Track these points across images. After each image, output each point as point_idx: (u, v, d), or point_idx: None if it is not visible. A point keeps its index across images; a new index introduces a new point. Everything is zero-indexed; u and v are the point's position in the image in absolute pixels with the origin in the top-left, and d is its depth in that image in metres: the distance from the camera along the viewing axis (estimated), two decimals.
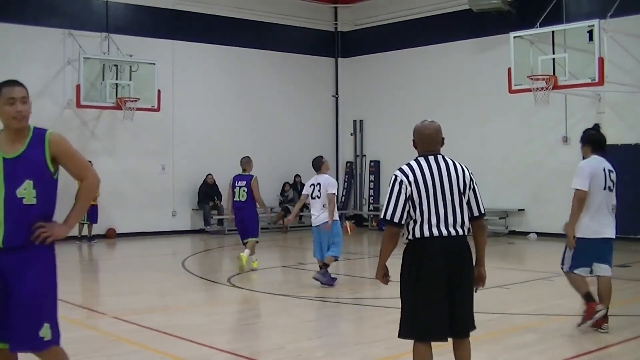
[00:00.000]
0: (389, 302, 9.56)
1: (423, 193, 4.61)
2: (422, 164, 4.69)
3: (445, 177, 4.65)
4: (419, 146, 4.83)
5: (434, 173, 4.64)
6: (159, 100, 17.62)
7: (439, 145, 4.80)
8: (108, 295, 10.25)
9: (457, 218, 4.64)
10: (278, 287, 10.43)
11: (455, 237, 4.62)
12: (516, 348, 6.69)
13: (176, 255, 15.59)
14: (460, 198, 4.66)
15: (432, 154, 4.74)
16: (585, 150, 7.38)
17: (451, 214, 4.62)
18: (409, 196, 4.61)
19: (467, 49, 19.43)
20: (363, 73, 22.20)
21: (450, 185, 4.65)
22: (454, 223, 4.63)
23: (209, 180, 19.40)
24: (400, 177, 4.66)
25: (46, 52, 17.28)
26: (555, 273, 11.47)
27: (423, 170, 4.65)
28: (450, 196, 4.63)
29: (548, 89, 14.77)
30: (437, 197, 4.61)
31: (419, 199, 4.61)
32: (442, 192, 4.62)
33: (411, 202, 4.61)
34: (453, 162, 4.74)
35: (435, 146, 4.78)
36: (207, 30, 19.87)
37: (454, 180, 4.66)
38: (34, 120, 4.39)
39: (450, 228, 4.61)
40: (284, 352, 6.64)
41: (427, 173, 4.64)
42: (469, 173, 4.77)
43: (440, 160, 4.72)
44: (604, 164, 7.18)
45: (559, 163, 17.29)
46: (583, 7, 16.97)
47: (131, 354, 6.63)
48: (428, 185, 4.61)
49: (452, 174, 4.67)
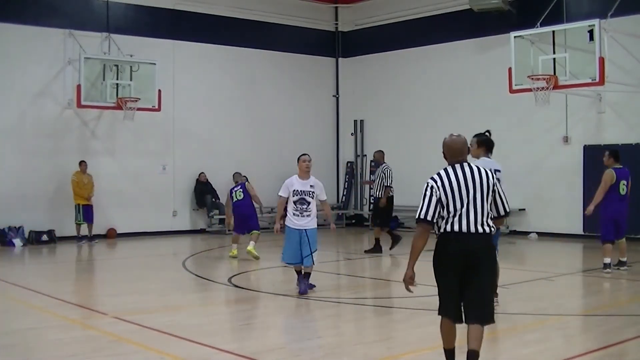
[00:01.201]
0: (389, 302, 9.58)
1: (449, 196, 5.28)
2: (450, 172, 5.38)
3: (470, 182, 5.32)
4: (448, 157, 5.50)
5: (460, 179, 5.33)
6: (159, 100, 17.62)
7: (465, 155, 5.49)
8: (108, 295, 10.26)
9: (478, 218, 5.27)
10: (278, 287, 10.43)
11: (475, 234, 5.25)
12: (516, 348, 6.70)
13: (177, 255, 15.59)
14: (482, 200, 5.31)
15: (458, 163, 5.42)
16: (478, 151, 8.30)
17: (473, 214, 5.26)
18: (439, 199, 5.29)
19: (468, 49, 19.43)
20: (363, 73, 22.20)
21: (474, 189, 5.31)
22: (476, 222, 5.26)
23: (202, 178, 19.39)
24: (432, 183, 5.36)
25: (47, 52, 17.28)
26: (555, 273, 11.49)
27: (450, 177, 5.34)
28: (474, 198, 5.29)
29: (548, 88, 14.75)
30: (462, 199, 5.28)
31: (447, 200, 5.29)
32: (467, 195, 5.29)
33: (441, 204, 5.30)
34: (478, 169, 5.40)
35: (462, 156, 5.46)
36: (207, 30, 19.88)
37: (477, 184, 5.32)
38: (35, 120, 4.40)
39: (471, 226, 5.25)
40: (284, 352, 6.65)
41: (454, 179, 5.33)
42: (493, 177, 5.39)
43: (466, 167, 5.40)
44: (491, 164, 8.05)
45: (560, 163, 17.31)
46: (583, 7, 16.97)
47: (132, 354, 6.63)
48: (454, 189, 5.29)
49: (476, 179, 5.33)
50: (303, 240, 9.50)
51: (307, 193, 9.55)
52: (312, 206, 9.57)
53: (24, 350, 6.81)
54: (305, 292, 9.44)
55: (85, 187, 16.81)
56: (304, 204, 9.54)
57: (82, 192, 16.73)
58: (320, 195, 9.71)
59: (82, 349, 6.75)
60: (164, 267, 13.76)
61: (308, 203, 9.54)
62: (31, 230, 16.75)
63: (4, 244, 16.23)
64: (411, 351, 6.71)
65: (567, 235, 16.92)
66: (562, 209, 17.24)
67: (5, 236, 16.37)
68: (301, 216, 9.55)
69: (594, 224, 15.70)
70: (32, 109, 17.00)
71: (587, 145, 16.94)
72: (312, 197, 9.56)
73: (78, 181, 16.76)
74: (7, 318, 8.40)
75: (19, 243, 16.31)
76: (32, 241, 16.62)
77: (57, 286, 10.94)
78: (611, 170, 11.33)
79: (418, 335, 7.48)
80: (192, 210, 19.58)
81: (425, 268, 5.60)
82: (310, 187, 9.57)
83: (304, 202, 9.54)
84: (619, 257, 11.56)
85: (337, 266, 13.65)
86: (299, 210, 9.56)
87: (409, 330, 7.73)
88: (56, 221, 17.12)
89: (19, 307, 9.17)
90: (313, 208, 9.58)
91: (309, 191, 9.55)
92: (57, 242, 16.84)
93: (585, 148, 16.95)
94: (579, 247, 16.01)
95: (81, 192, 16.71)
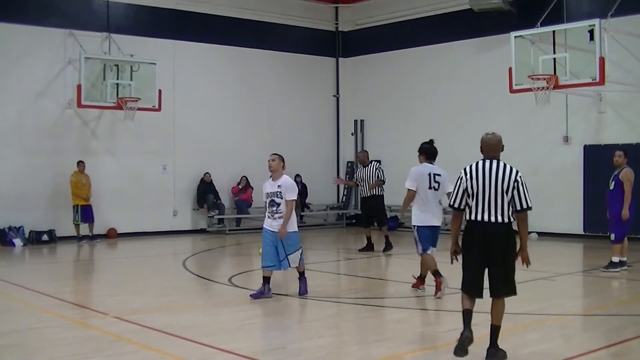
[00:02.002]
0: (389, 302, 9.57)
1: (474, 187, 6.06)
2: (479, 166, 6.10)
3: (493, 177, 6.01)
4: (483, 152, 6.20)
5: (486, 173, 6.04)
6: (159, 100, 17.62)
7: (498, 152, 6.17)
8: (109, 295, 10.25)
9: (497, 209, 5.99)
10: (279, 287, 10.43)
11: (494, 223, 6.00)
12: (517, 348, 6.69)
13: (177, 255, 15.59)
14: (502, 194, 5.98)
15: (489, 159, 6.11)
16: (421, 158, 9.42)
17: (493, 205, 5.99)
18: (465, 188, 6.11)
19: (468, 49, 19.42)
20: (364, 73, 22.20)
21: (496, 184, 5.99)
22: (495, 212, 5.99)
23: (206, 178, 19.39)
24: (462, 174, 6.16)
25: (47, 52, 17.29)
26: (556, 273, 11.49)
27: (478, 170, 6.08)
28: (495, 192, 5.99)
29: (549, 88, 14.75)
30: (485, 191, 6.02)
31: (472, 190, 6.07)
32: (489, 188, 6.01)
33: (467, 194, 6.10)
34: (504, 166, 6.06)
35: (494, 153, 6.15)
36: (208, 30, 19.87)
37: (499, 180, 6.00)
38: (35, 120, 4.40)
39: (491, 216, 6.00)
40: (285, 352, 6.65)
41: (481, 172, 6.06)
42: (515, 175, 6.02)
43: (494, 164, 6.07)
44: (431, 169, 9.28)
45: (560, 163, 17.30)
46: (584, 7, 16.96)
47: (132, 354, 6.63)
48: (479, 182, 6.04)
49: (499, 175, 6.01)
50: (278, 243, 9.18)
51: (275, 194, 9.17)
52: (282, 207, 9.14)
53: (24, 350, 6.81)
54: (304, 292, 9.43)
55: (84, 187, 16.81)
56: (273, 205, 9.18)
57: (81, 192, 16.71)
58: (287, 195, 9.14)
59: (82, 349, 6.75)
60: (165, 267, 13.77)
61: (277, 204, 9.14)
62: (31, 230, 16.75)
63: (4, 243, 16.23)
64: (411, 351, 6.71)
65: (568, 235, 16.93)
66: (562, 208, 17.23)
67: (6, 236, 16.37)
68: (272, 218, 9.20)
69: (596, 223, 15.75)
70: (32, 109, 17.00)
71: (587, 145, 16.94)
72: (282, 197, 9.13)
73: (76, 181, 16.75)
74: (7, 318, 8.40)
75: (19, 243, 16.31)
76: (32, 241, 16.62)
77: (57, 286, 10.94)
78: (629, 168, 11.27)
79: (418, 335, 7.49)
80: (192, 210, 19.58)
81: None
82: (278, 187, 9.16)
83: (273, 203, 9.18)
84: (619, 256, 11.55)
85: (337, 266, 13.65)
86: (270, 212, 9.23)
87: (409, 330, 7.73)
88: (56, 221, 17.12)
89: (19, 307, 9.17)
90: (284, 209, 9.15)
91: (276, 192, 9.16)
92: (58, 242, 16.84)
93: (586, 148, 16.95)
94: (580, 247, 16.02)
95: (80, 192, 16.70)
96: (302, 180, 20.86)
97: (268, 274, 9.31)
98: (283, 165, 9.34)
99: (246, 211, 19.87)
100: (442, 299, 9.02)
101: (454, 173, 21.18)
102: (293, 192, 9.18)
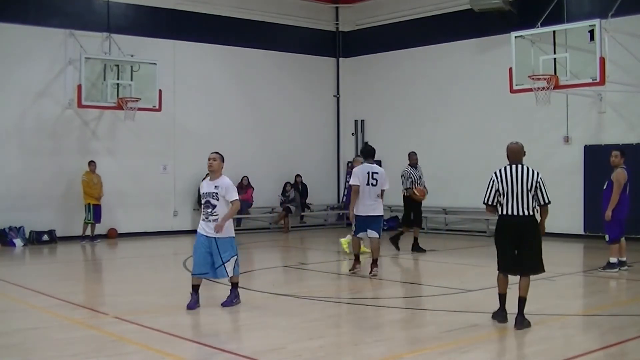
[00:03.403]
0: (390, 302, 9.57)
1: (504, 187, 7.48)
2: (508, 170, 7.53)
3: (519, 178, 7.44)
4: (509, 158, 7.61)
5: (513, 176, 7.48)
6: (160, 100, 17.61)
7: (521, 158, 7.61)
8: (109, 295, 10.26)
9: (523, 204, 7.41)
10: (279, 287, 10.43)
11: (522, 216, 7.43)
12: (516, 348, 6.69)
13: (177, 255, 15.59)
14: (527, 192, 7.41)
15: (514, 164, 7.55)
16: (359, 160, 11.57)
17: (520, 201, 7.42)
18: (497, 189, 7.52)
19: (468, 49, 19.42)
20: (364, 73, 22.20)
21: (521, 184, 7.43)
22: (522, 207, 7.42)
23: None
24: (493, 177, 7.59)
25: (47, 52, 17.29)
26: (556, 273, 11.48)
27: (507, 173, 7.52)
28: (521, 190, 7.42)
29: (549, 88, 14.74)
30: (513, 190, 7.44)
31: (502, 190, 7.49)
32: (516, 187, 7.43)
33: (498, 192, 7.52)
34: (527, 169, 7.49)
35: (518, 158, 7.59)
36: (208, 30, 19.88)
37: (524, 181, 7.44)
38: (36, 120, 4.40)
39: (519, 211, 7.42)
40: (285, 352, 6.65)
41: (509, 175, 7.50)
42: (537, 176, 7.46)
43: (519, 167, 7.52)
44: (370, 168, 11.28)
45: (560, 163, 17.29)
46: (584, 7, 16.96)
47: (133, 354, 6.63)
48: (508, 183, 7.47)
49: (524, 177, 7.44)
50: (213, 249, 8.59)
51: (212, 195, 8.52)
52: (218, 209, 8.50)
53: (24, 350, 6.81)
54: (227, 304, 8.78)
55: (95, 186, 16.91)
56: (209, 207, 8.54)
57: (93, 191, 16.82)
58: (227, 196, 8.51)
59: (83, 349, 6.75)
60: (165, 267, 13.77)
61: (213, 206, 8.50)
62: (32, 230, 16.76)
63: (4, 244, 16.24)
64: (411, 351, 6.71)
65: (568, 235, 16.92)
66: (562, 209, 17.15)
67: (6, 236, 16.38)
68: (207, 221, 8.58)
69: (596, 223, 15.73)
70: (32, 109, 17.01)
71: (587, 145, 16.94)
72: (218, 199, 8.50)
73: (88, 181, 16.85)
74: (8, 318, 8.40)
75: (19, 243, 16.32)
76: (32, 241, 16.63)
77: (57, 286, 10.94)
78: (623, 169, 11.27)
79: (418, 335, 7.49)
80: (193, 210, 19.58)
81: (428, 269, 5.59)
82: (215, 187, 8.54)
83: (209, 205, 8.54)
84: (617, 257, 11.55)
85: (337, 266, 13.65)
86: (204, 214, 8.61)
87: (409, 330, 7.73)
88: (57, 221, 17.14)
89: (19, 307, 9.17)
90: (220, 212, 8.51)
91: (213, 192, 8.51)
92: (58, 242, 16.85)
93: (586, 148, 16.95)
94: (580, 247, 16.02)
95: (91, 191, 16.81)
96: (302, 180, 20.87)
97: (198, 282, 8.75)
98: (222, 166, 8.78)
99: (246, 211, 19.87)
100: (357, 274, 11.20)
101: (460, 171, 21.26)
102: (234, 191, 8.60)
